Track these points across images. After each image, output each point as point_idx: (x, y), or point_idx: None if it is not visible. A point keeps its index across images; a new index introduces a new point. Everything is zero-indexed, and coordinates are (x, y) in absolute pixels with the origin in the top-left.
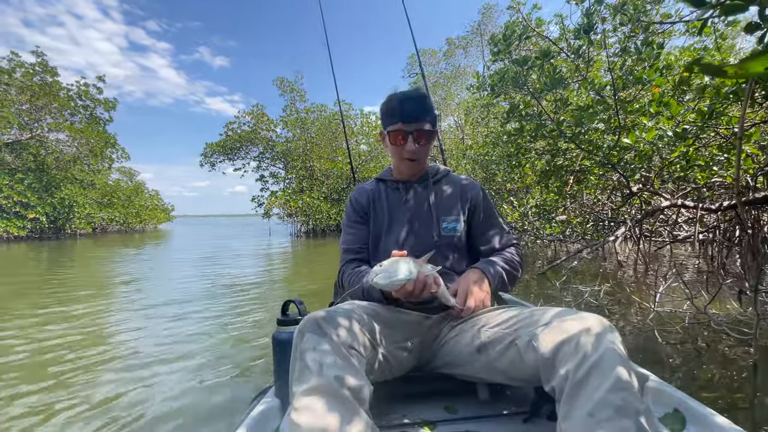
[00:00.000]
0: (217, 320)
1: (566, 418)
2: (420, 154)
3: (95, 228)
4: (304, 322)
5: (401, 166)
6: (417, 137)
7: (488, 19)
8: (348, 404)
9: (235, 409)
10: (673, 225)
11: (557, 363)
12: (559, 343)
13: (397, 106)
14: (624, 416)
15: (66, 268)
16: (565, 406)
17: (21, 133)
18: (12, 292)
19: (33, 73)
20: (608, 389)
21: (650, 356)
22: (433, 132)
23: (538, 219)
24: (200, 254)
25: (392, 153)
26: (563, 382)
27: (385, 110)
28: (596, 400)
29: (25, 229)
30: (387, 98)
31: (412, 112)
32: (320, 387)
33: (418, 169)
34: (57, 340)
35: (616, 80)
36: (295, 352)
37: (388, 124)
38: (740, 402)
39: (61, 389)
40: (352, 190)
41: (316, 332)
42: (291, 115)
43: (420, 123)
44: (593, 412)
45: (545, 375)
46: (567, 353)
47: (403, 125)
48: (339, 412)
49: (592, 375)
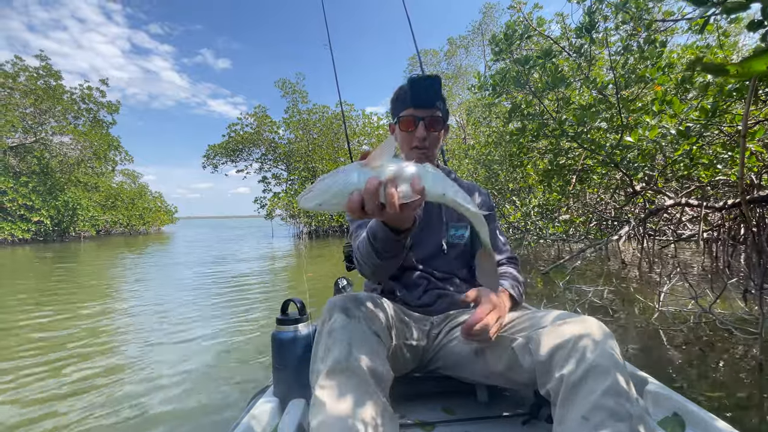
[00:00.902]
0: (218, 320)
1: (561, 421)
2: (430, 142)
3: (99, 230)
4: (333, 302)
5: (410, 155)
6: (429, 124)
7: (489, 19)
8: (370, 388)
9: (234, 408)
10: (677, 224)
11: (553, 366)
12: (555, 347)
13: (409, 88)
14: (618, 420)
15: (71, 271)
16: (561, 410)
17: (25, 137)
18: (18, 292)
19: (37, 76)
20: (603, 393)
21: (655, 356)
22: (445, 121)
23: (540, 219)
24: (204, 255)
25: (401, 142)
26: (558, 386)
27: (395, 97)
28: (591, 403)
29: (29, 232)
30: (399, 87)
31: (425, 96)
32: (347, 368)
33: (427, 161)
34: (58, 340)
35: (619, 79)
36: (321, 331)
37: (399, 110)
38: (746, 402)
39: (61, 387)
40: None
41: (344, 313)
42: (293, 116)
43: (433, 110)
44: (588, 416)
45: (541, 378)
46: (562, 357)
47: (415, 110)
48: (361, 394)
49: (587, 379)
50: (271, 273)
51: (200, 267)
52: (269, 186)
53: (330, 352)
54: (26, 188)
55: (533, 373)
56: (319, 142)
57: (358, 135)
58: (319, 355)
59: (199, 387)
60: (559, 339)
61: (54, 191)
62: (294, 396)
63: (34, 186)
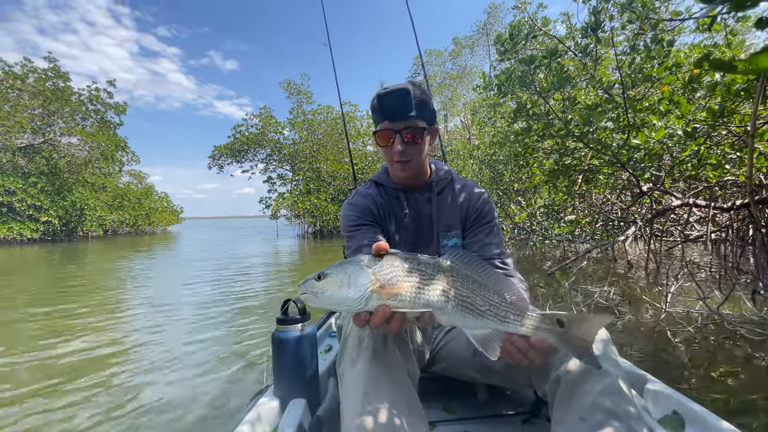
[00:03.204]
0: (219, 320)
1: (559, 422)
2: (411, 155)
3: (106, 230)
4: None
5: (393, 168)
6: (405, 136)
7: (494, 19)
8: (405, 382)
9: (235, 408)
10: (684, 224)
11: (549, 367)
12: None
13: (378, 103)
14: (615, 420)
15: (78, 272)
16: (558, 410)
17: (34, 138)
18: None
19: (45, 78)
20: (599, 393)
21: (662, 357)
22: (425, 130)
23: (546, 219)
24: (209, 256)
25: (383, 155)
26: (555, 386)
27: (371, 108)
28: (588, 404)
29: (38, 232)
30: (373, 96)
31: (396, 108)
32: (385, 363)
33: (412, 172)
34: (59, 339)
35: (625, 78)
36: (351, 328)
37: (377, 122)
38: (755, 405)
39: (63, 385)
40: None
41: None
42: (298, 117)
43: (408, 120)
44: (585, 416)
45: (537, 379)
46: (558, 358)
47: (390, 123)
48: (398, 387)
49: (583, 379)
50: (275, 273)
51: (204, 268)
52: (274, 186)
53: (363, 342)
54: (35, 188)
55: (532, 374)
56: (323, 142)
57: (362, 135)
58: (350, 343)
59: (199, 387)
60: None
61: (62, 191)
62: (294, 396)
63: (42, 186)
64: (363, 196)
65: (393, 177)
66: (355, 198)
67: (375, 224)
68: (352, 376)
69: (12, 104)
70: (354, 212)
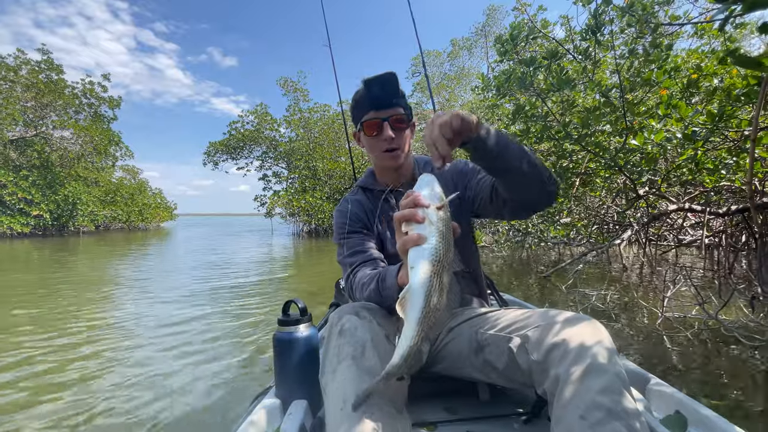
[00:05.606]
0: (218, 320)
1: (558, 421)
2: (399, 143)
3: (98, 226)
4: (342, 308)
5: (383, 161)
6: (394, 123)
7: (493, 21)
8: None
9: (236, 409)
10: (678, 229)
11: (548, 366)
12: (550, 346)
13: (365, 91)
14: (615, 419)
15: (71, 267)
16: (558, 409)
17: (26, 131)
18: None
19: (39, 70)
20: (599, 392)
21: (659, 362)
22: (409, 119)
23: (542, 221)
24: (203, 254)
25: (370, 149)
26: (555, 385)
27: (354, 103)
28: (587, 402)
29: (28, 226)
30: (355, 92)
31: (383, 95)
32: (364, 368)
33: (402, 162)
34: (60, 339)
35: (624, 82)
36: (331, 333)
37: (360, 116)
38: (754, 411)
39: (61, 384)
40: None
41: (355, 315)
42: (294, 114)
43: (393, 108)
44: (584, 415)
45: (537, 378)
46: (558, 356)
47: (377, 112)
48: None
49: (583, 378)
50: (271, 272)
51: (200, 266)
52: (269, 184)
53: (342, 350)
54: (26, 182)
55: (530, 373)
56: (320, 140)
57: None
58: (330, 353)
59: (200, 388)
60: (554, 338)
61: (54, 185)
62: (296, 397)
63: (34, 180)
64: (351, 203)
65: (380, 175)
66: (343, 205)
67: (364, 230)
68: (333, 386)
69: (4, 96)
70: (343, 219)
